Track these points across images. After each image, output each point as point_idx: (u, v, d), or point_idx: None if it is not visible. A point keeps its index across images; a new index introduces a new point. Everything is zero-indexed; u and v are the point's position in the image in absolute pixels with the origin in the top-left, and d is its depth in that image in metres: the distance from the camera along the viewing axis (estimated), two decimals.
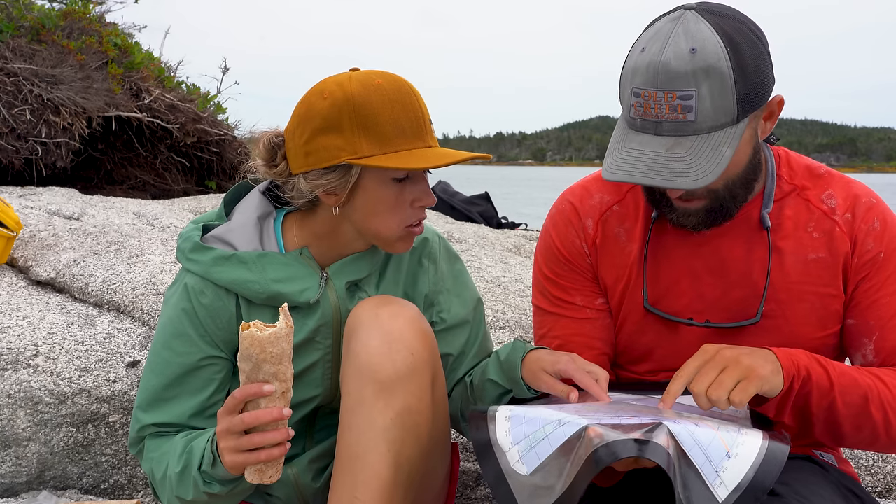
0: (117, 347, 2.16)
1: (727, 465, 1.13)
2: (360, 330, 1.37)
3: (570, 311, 1.52)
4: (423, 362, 1.37)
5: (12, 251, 2.76)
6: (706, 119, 1.23)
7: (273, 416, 1.20)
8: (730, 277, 1.42)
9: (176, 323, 1.43)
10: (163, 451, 1.42)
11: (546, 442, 1.18)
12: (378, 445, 1.32)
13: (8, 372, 2.01)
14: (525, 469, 1.18)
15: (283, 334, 1.20)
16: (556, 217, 1.55)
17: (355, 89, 1.33)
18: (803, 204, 1.42)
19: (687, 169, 1.24)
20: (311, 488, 1.53)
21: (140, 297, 2.40)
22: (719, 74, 1.22)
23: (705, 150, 1.24)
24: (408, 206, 1.39)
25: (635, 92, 1.26)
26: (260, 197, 1.50)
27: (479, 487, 2.08)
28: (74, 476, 2.04)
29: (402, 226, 1.40)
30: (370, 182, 1.37)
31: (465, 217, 5.43)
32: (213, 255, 1.42)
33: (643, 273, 1.46)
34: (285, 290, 1.41)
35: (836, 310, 1.42)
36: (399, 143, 1.34)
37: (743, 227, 1.42)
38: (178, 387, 1.43)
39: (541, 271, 1.56)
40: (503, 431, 1.23)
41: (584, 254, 1.51)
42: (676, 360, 1.45)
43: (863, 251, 1.39)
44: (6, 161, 4.50)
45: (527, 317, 2.67)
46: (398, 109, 1.34)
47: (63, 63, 4.91)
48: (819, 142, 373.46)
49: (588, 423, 1.17)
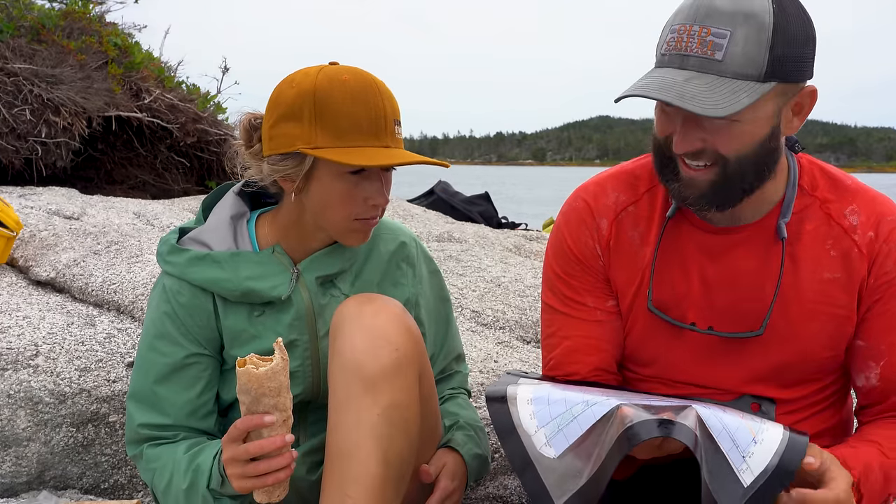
0: (117, 347, 2.16)
1: (753, 451, 1.13)
2: (345, 327, 1.38)
3: (580, 312, 1.49)
4: (408, 358, 1.38)
5: (12, 251, 2.76)
6: (733, 62, 1.20)
7: (276, 444, 1.26)
8: (742, 288, 1.39)
9: (158, 324, 1.48)
10: (163, 463, 1.44)
11: (575, 423, 1.16)
12: (366, 442, 1.32)
13: (8, 372, 2.01)
14: (553, 452, 1.16)
15: (280, 368, 1.25)
16: (570, 215, 1.51)
17: (321, 82, 1.37)
18: (824, 218, 1.38)
19: (701, 97, 1.20)
20: (307, 481, 1.53)
21: (140, 297, 2.40)
22: (759, 24, 1.19)
23: (723, 89, 1.20)
24: (360, 201, 1.41)
25: (672, 29, 1.25)
26: (234, 197, 1.55)
27: (479, 487, 2.08)
28: (74, 476, 2.03)
29: (351, 218, 1.42)
30: (324, 174, 1.40)
31: (465, 217, 5.44)
32: (188, 255, 1.47)
33: (651, 274, 1.43)
34: (257, 286, 1.45)
35: (848, 331, 1.38)
36: (354, 139, 1.36)
37: (759, 238, 1.39)
38: (166, 385, 1.46)
39: (552, 269, 1.53)
40: (527, 414, 1.21)
41: (596, 255, 1.47)
42: (679, 366, 1.45)
43: (880, 273, 1.35)
44: (6, 161, 4.49)
45: (527, 317, 2.67)
46: (358, 106, 1.36)
47: (63, 63, 4.91)
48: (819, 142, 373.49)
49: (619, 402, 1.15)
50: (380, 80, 1.42)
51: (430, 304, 1.67)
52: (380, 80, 1.42)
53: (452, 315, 1.74)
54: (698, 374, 1.43)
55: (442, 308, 1.72)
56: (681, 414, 1.13)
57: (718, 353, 1.41)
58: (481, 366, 2.23)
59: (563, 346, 1.50)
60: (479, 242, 3.76)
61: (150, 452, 1.46)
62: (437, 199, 5.77)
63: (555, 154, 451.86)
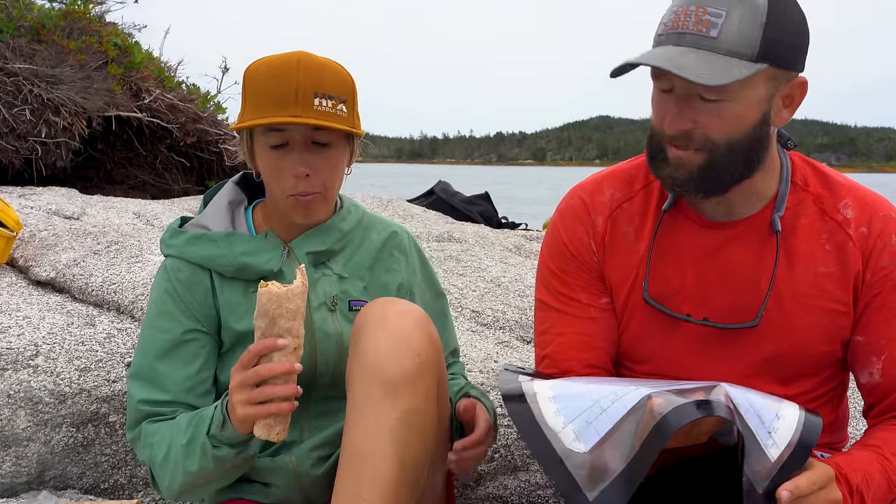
0: (117, 347, 2.16)
1: (777, 427, 1.16)
2: (368, 329, 1.39)
3: (573, 309, 1.50)
4: (429, 363, 1.39)
5: (12, 251, 2.76)
6: (727, 40, 1.23)
7: (285, 368, 1.27)
8: (737, 283, 1.40)
9: (159, 303, 1.54)
10: (162, 435, 1.46)
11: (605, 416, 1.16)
12: (384, 445, 1.33)
13: (8, 372, 2.01)
14: (583, 446, 1.15)
15: (299, 292, 1.28)
16: (565, 212, 1.53)
17: (254, 66, 1.49)
18: (818, 213, 1.39)
19: (695, 67, 1.23)
20: (311, 476, 1.54)
21: (140, 297, 2.40)
22: (754, 5, 1.23)
23: (717, 63, 1.23)
24: (288, 175, 1.47)
25: (670, 11, 1.29)
26: (233, 186, 1.64)
27: (479, 487, 2.08)
28: (74, 476, 2.04)
29: (286, 194, 1.49)
30: (258, 148, 1.49)
31: (465, 217, 5.44)
32: (187, 236, 1.56)
33: (647, 265, 1.44)
34: (250, 261, 1.52)
35: (844, 325, 1.39)
36: (268, 111, 1.44)
37: (754, 233, 1.40)
38: (165, 361, 1.49)
39: (546, 266, 1.54)
40: (551, 412, 1.20)
41: (591, 251, 1.49)
42: (675, 361, 1.45)
43: (877, 268, 1.36)
44: (6, 161, 4.49)
45: (527, 317, 2.67)
46: (273, 82, 1.44)
47: (63, 63, 4.91)
48: (819, 142, 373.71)
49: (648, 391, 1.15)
50: (317, 56, 1.48)
51: (425, 296, 1.70)
52: (312, 56, 1.48)
53: (448, 310, 1.77)
54: (695, 369, 1.43)
55: (438, 302, 1.74)
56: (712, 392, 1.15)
57: (714, 346, 1.42)
58: (481, 366, 2.23)
59: (557, 342, 1.51)
60: (479, 242, 3.77)
61: (148, 428, 1.48)
62: (437, 199, 5.77)
63: (555, 154, 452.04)
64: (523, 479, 2.08)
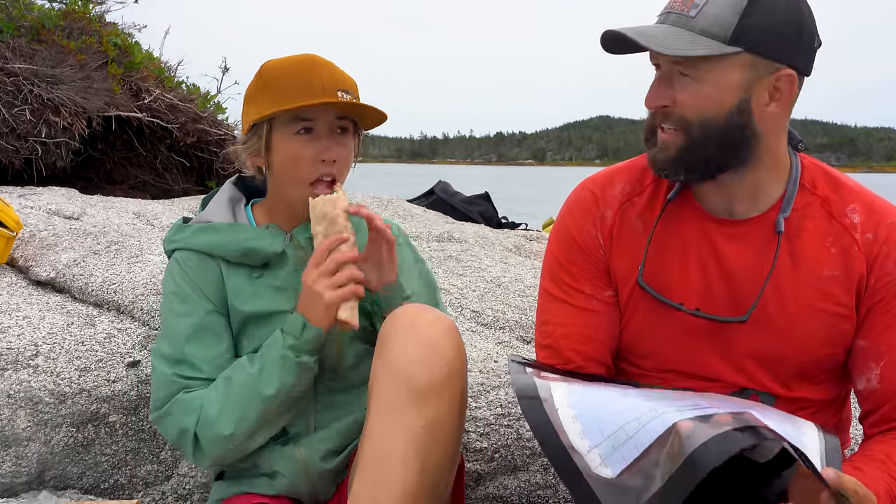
0: (117, 347, 2.16)
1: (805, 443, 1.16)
2: (397, 336, 1.39)
3: (576, 300, 1.51)
4: (456, 373, 1.39)
5: (12, 251, 2.76)
6: (702, 20, 1.28)
7: (354, 255, 1.48)
8: (738, 281, 1.40)
9: (176, 291, 1.59)
10: (213, 389, 1.50)
11: (632, 443, 1.14)
12: (407, 452, 1.32)
13: (8, 372, 2.01)
14: (609, 472, 1.14)
15: (345, 197, 1.51)
16: (574, 205, 1.54)
17: (270, 65, 1.57)
18: (825, 216, 1.40)
19: (659, 38, 1.29)
20: (321, 468, 1.56)
21: (140, 297, 2.40)
22: None
23: (686, 37, 1.29)
24: (312, 161, 1.54)
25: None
26: (231, 185, 1.71)
27: (479, 487, 2.08)
28: (74, 476, 2.04)
29: (308, 182, 1.55)
30: (278, 140, 1.55)
31: (465, 217, 5.43)
32: (192, 228, 1.63)
33: (645, 250, 1.45)
34: (255, 245, 1.59)
35: (847, 329, 1.39)
36: (293, 99, 1.51)
37: (759, 233, 1.40)
38: (195, 344, 1.54)
39: (553, 255, 1.56)
40: (575, 433, 1.19)
41: (598, 244, 1.50)
42: (674, 354, 1.45)
43: (881, 274, 1.36)
44: (6, 161, 4.49)
45: (527, 317, 2.67)
46: (296, 74, 1.52)
47: (63, 63, 4.91)
48: (819, 142, 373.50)
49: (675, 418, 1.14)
50: (329, 60, 1.56)
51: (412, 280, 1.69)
52: (327, 60, 1.56)
53: (441, 301, 1.78)
54: (693, 362, 1.44)
55: (432, 295, 1.74)
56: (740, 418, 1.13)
57: (704, 337, 1.43)
58: (481, 366, 2.23)
59: (558, 333, 1.52)
60: (479, 242, 3.77)
61: (186, 397, 1.50)
62: (437, 199, 5.77)
63: (555, 154, 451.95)
64: (523, 479, 2.08)
